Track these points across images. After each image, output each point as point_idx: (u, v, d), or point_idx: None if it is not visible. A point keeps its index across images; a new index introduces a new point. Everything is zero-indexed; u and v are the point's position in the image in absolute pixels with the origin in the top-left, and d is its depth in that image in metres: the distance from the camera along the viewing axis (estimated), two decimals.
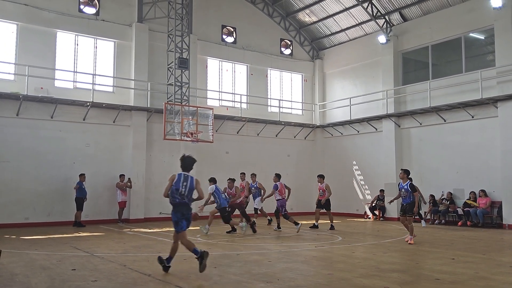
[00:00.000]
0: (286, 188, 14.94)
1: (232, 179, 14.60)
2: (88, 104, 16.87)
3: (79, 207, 15.78)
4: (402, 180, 11.82)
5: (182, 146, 18.91)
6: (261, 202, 15.96)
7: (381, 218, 19.47)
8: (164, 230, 14.50)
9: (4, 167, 15.59)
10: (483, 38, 17.89)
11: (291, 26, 23.46)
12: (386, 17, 20.29)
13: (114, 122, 17.83)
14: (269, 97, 22.59)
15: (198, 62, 20.13)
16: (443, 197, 17.57)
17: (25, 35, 16.52)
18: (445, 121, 17.96)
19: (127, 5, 18.82)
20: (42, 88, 16.33)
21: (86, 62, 17.91)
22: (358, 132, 21.57)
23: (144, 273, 7.59)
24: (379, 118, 20.24)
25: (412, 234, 11.65)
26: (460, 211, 16.78)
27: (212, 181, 13.50)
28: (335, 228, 15.02)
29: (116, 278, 7.19)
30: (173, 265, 7.66)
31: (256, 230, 13.82)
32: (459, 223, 16.73)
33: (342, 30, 22.59)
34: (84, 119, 17.17)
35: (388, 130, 19.99)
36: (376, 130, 20.62)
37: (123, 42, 18.56)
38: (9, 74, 16.20)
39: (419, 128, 18.97)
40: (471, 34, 17.89)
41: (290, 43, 23.59)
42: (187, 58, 18.34)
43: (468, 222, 16.49)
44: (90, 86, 17.15)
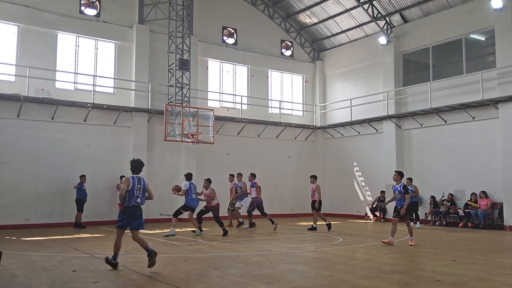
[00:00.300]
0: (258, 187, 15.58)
1: (208, 179, 14.01)
2: (88, 105, 16.89)
3: (80, 209, 15.80)
4: (396, 182, 11.88)
5: (183, 148, 18.93)
6: (240, 202, 15.79)
7: (382, 220, 19.45)
8: (164, 231, 14.48)
9: (4, 168, 15.60)
10: (484, 39, 17.88)
11: (292, 27, 23.47)
12: (387, 18, 20.28)
13: (114, 123, 17.85)
14: (269, 98, 22.59)
15: (199, 63, 20.13)
16: (444, 198, 17.56)
17: (26, 37, 16.54)
18: (445, 122, 17.96)
19: (128, 6, 18.85)
20: (43, 89, 16.36)
21: (87, 64, 17.93)
22: (359, 133, 21.57)
23: (145, 274, 7.58)
24: (380, 119, 20.24)
25: (411, 235, 11.65)
26: (461, 213, 16.78)
27: (186, 177, 13.51)
28: (317, 229, 14.98)
29: (116, 280, 7.20)
30: (173, 265, 7.65)
31: (227, 233, 13.39)
32: (460, 225, 16.72)
33: (342, 32, 22.59)
34: (84, 120, 17.19)
35: (388, 131, 19.98)
36: (376, 131, 20.62)
37: (124, 43, 18.58)
38: (10, 75, 16.21)
39: (420, 129, 18.96)
40: (472, 35, 17.89)
41: (290, 45, 23.60)
42: (188, 59, 18.37)
43: (469, 224, 16.47)
44: (90, 88, 17.18)
